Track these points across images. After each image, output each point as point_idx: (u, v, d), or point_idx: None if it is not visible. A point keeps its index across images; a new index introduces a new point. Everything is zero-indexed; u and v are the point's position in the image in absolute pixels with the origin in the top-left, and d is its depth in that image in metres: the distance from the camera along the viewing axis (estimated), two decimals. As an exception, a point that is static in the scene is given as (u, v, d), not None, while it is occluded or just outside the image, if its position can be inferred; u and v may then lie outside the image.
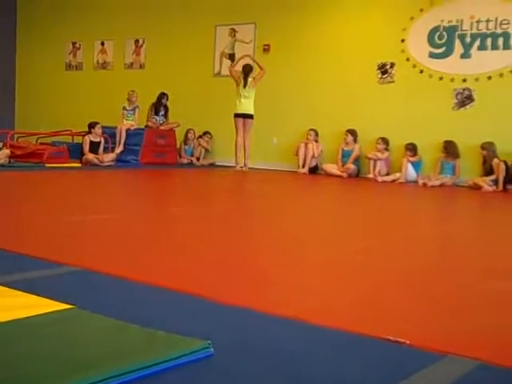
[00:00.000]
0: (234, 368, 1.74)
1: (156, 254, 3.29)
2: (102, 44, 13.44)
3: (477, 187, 8.58)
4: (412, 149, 9.41)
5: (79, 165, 9.67)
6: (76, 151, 10.20)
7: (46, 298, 2.21)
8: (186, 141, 11.49)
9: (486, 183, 8.53)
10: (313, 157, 10.29)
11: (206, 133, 11.61)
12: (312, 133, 10.32)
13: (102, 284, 2.58)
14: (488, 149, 8.76)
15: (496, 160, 8.60)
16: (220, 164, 11.39)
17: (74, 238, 3.63)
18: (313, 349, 1.93)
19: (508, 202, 7.67)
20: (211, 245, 3.63)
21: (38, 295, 2.24)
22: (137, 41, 12.90)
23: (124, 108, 11.02)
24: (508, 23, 8.96)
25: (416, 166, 9.44)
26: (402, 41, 9.83)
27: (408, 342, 1.99)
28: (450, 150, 9.08)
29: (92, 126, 10.04)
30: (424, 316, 2.36)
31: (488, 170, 8.74)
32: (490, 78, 9.10)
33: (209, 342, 1.83)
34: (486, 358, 1.87)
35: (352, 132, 10.01)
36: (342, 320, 2.22)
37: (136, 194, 6.63)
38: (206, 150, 11.60)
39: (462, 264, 3.49)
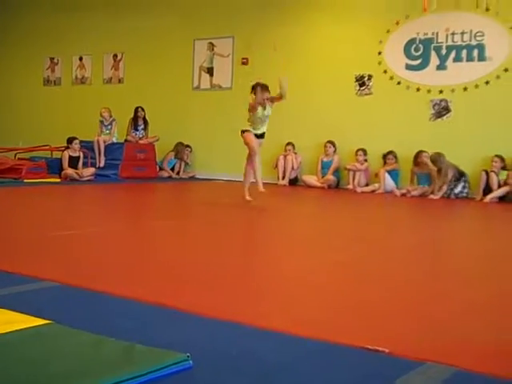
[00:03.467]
0: (213, 380, 1.74)
1: (134, 267, 3.27)
2: (81, 59, 13.41)
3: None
4: (391, 157, 9.48)
5: (58, 180, 9.60)
6: (55, 166, 10.14)
7: (24, 313, 2.20)
8: (181, 155, 11.41)
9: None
10: (292, 169, 10.33)
11: (185, 146, 11.60)
12: (290, 147, 10.38)
13: (80, 298, 2.56)
14: (435, 161, 8.89)
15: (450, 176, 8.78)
16: (200, 177, 11.38)
17: (52, 253, 3.60)
18: (293, 359, 1.94)
19: (479, 210, 7.74)
20: (190, 258, 3.62)
21: (15, 311, 2.22)
22: (115, 55, 12.89)
23: (101, 122, 11.00)
24: (482, 35, 9.09)
25: (394, 175, 9.50)
26: (379, 53, 9.93)
27: (387, 350, 2.00)
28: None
29: (70, 141, 9.99)
30: (403, 324, 2.37)
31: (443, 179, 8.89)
32: (465, 89, 9.21)
33: (188, 354, 1.83)
34: (464, 365, 1.88)
35: (332, 143, 10.06)
36: (322, 330, 2.23)
37: (115, 209, 6.60)
38: (186, 164, 11.59)
39: (439, 272, 3.51)
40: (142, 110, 11.20)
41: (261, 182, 6.99)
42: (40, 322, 2.10)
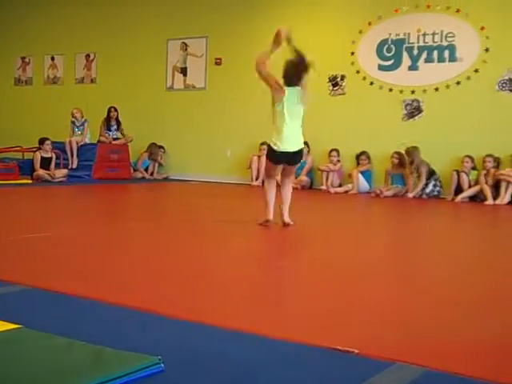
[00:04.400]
0: (185, 383, 1.74)
1: (103, 269, 3.25)
2: (52, 59, 13.28)
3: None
4: (364, 157, 9.56)
5: (30, 181, 9.50)
6: (27, 167, 10.04)
7: (-8, 318, 2.17)
8: (154, 155, 11.35)
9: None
10: (266, 169, 10.33)
11: (159, 147, 11.55)
12: (265, 147, 10.36)
13: (49, 302, 2.54)
14: (409, 154, 9.00)
15: (425, 171, 8.88)
16: (174, 178, 11.35)
17: (21, 255, 3.56)
18: (264, 361, 1.94)
19: (453, 209, 7.83)
20: (161, 259, 3.61)
21: (-17, 316, 2.20)
22: (88, 55, 12.79)
23: (73, 122, 10.91)
24: (453, 36, 9.19)
25: (367, 176, 9.57)
26: (352, 53, 9.99)
27: (357, 351, 2.01)
28: (400, 160, 9.24)
29: (41, 141, 9.89)
30: (373, 325, 2.39)
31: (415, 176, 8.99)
32: (437, 89, 9.31)
33: (159, 357, 1.82)
34: (434, 365, 1.90)
35: (306, 144, 10.09)
36: (293, 332, 2.24)
37: (87, 210, 6.55)
38: (160, 164, 11.54)
39: (409, 273, 3.55)
40: (115, 110, 11.13)
41: (286, 210, 5.10)
42: (9, 326, 2.08)
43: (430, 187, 8.96)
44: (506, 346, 2.18)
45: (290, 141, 4.94)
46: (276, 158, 4.97)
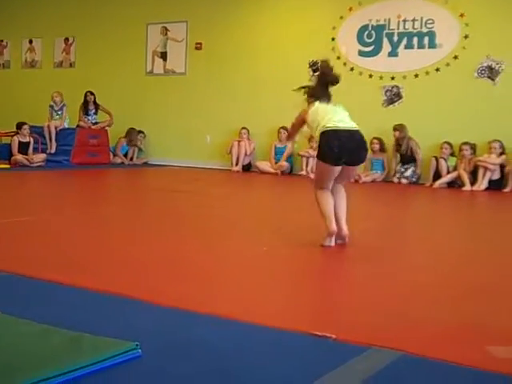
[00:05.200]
0: (162, 368, 1.74)
1: (82, 255, 3.24)
2: (31, 42, 13.10)
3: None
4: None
5: (8, 166, 9.41)
6: (4, 152, 9.92)
7: (-31, 304, 2.16)
8: (134, 140, 11.27)
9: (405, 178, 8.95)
10: (246, 155, 10.35)
11: (139, 132, 11.49)
12: (245, 131, 10.38)
13: (27, 288, 2.53)
14: (400, 130, 9.05)
15: (415, 148, 8.95)
16: (154, 163, 11.30)
17: (-1, 241, 3.54)
18: (242, 346, 1.96)
19: (432, 196, 7.90)
20: (138, 245, 3.60)
21: (-40, 302, 2.19)
22: (66, 39, 12.64)
23: (51, 107, 10.80)
24: (433, 23, 9.22)
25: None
26: (333, 39, 9.98)
27: (334, 336, 2.03)
28: (380, 146, 9.30)
29: (19, 126, 9.79)
30: (349, 310, 2.41)
31: (405, 156, 9.04)
32: (416, 75, 9.35)
33: (136, 343, 1.82)
34: (409, 349, 1.93)
35: (286, 129, 10.10)
36: (270, 317, 2.25)
37: (65, 195, 6.51)
38: (140, 149, 11.49)
39: (383, 256, 3.58)
40: (91, 93, 11.03)
41: (344, 221, 3.85)
42: (-15, 312, 2.07)
43: (410, 172, 9.04)
44: (480, 330, 2.21)
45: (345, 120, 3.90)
46: (334, 151, 3.67)
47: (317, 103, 4.01)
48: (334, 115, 3.87)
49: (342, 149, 3.68)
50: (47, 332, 1.91)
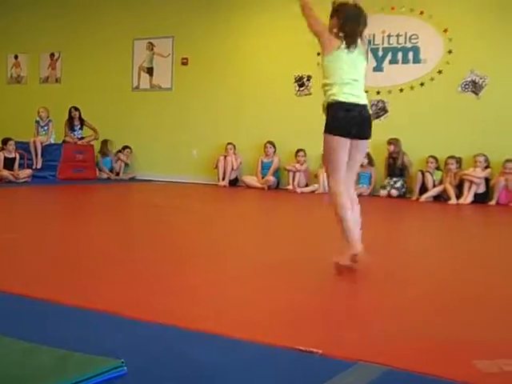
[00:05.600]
0: (147, 386, 1.74)
1: (66, 272, 3.22)
2: (16, 57, 13.08)
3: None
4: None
5: (-7, 182, 9.36)
6: (-11, 168, 9.87)
7: (-47, 322, 2.14)
8: (105, 152, 11.29)
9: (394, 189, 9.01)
10: (232, 169, 10.36)
11: (125, 147, 11.48)
12: (231, 146, 10.40)
13: (12, 305, 2.51)
14: (395, 144, 9.11)
15: (407, 160, 9.02)
16: (140, 178, 11.29)
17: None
18: (227, 362, 1.95)
19: (422, 210, 7.94)
20: (125, 261, 3.59)
21: None
22: (52, 54, 12.63)
23: (37, 122, 10.78)
24: (417, 38, 9.31)
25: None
26: (318, 54, 10.00)
27: (320, 351, 2.03)
28: (367, 160, 9.34)
29: (4, 142, 9.77)
30: (335, 326, 2.41)
31: (394, 170, 9.09)
32: (401, 90, 9.42)
33: (122, 360, 1.82)
34: (395, 364, 1.94)
35: (272, 144, 10.14)
36: (256, 332, 2.25)
37: (51, 211, 6.48)
38: (126, 165, 11.47)
39: (370, 271, 3.58)
40: (76, 109, 11.04)
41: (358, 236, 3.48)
42: (-30, 331, 2.05)
43: (399, 184, 9.09)
44: (466, 344, 2.22)
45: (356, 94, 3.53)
46: (343, 122, 3.45)
47: (342, 47, 3.53)
48: (350, 80, 3.49)
49: (351, 121, 3.45)
50: (32, 350, 1.90)
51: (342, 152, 3.44)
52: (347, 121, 3.43)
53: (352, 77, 3.49)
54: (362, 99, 3.52)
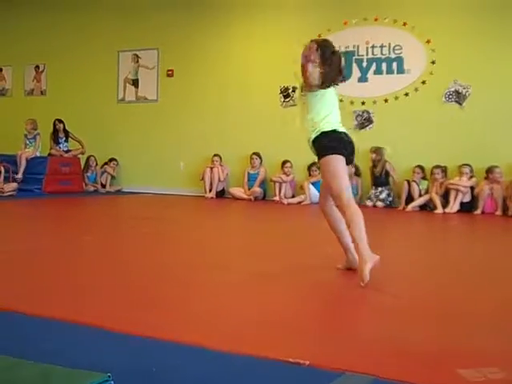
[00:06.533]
0: (134, 399, 1.73)
1: (52, 286, 3.20)
2: (0, 70, 13.04)
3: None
4: (315, 168, 9.66)
5: (-23, 196, 9.30)
6: (-26, 182, 9.82)
7: None
8: (86, 168, 11.28)
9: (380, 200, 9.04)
10: (219, 181, 10.36)
11: (111, 159, 11.46)
12: (217, 158, 10.41)
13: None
14: (377, 152, 9.17)
15: (390, 167, 9.06)
16: (127, 191, 11.26)
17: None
18: (215, 374, 1.95)
19: (404, 218, 7.97)
20: (111, 274, 3.57)
21: None
22: (37, 67, 12.61)
23: (25, 136, 10.77)
24: (400, 48, 9.40)
25: (319, 186, 9.63)
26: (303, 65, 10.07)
27: (308, 362, 2.03)
28: (353, 170, 9.39)
29: (-11, 155, 9.73)
30: (321, 336, 2.41)
31: (379, 179, 9.14)
32: (386, 100, 9.49)
33: (109, 374, 1.80)
34: (383, 374, 1.94)
35: (258, 155, 10.16)
36: (243, 344, 2.24)
37: (37, 225, 6.44)
38: (112, 177, 11.45)
39: (356, 280, 3.59)
40: (60, 121, 11.03)
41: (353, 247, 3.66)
42: (-46, 347, 2.03)
43: (384, 195, 9.14)
44: (451, 353, 2.23)
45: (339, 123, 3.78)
46: (343, 143, 3.70)
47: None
48: (334, 113, 3.72)
49: (343, 145, 3.68)
50: (16, 365, 1.87)
51: (345, 169, 3.68)
52: (343, 145, 3.68)
53: (335, 117, 3.75)
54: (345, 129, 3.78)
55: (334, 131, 3.67)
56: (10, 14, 12.64)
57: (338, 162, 3.62)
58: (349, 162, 3.72)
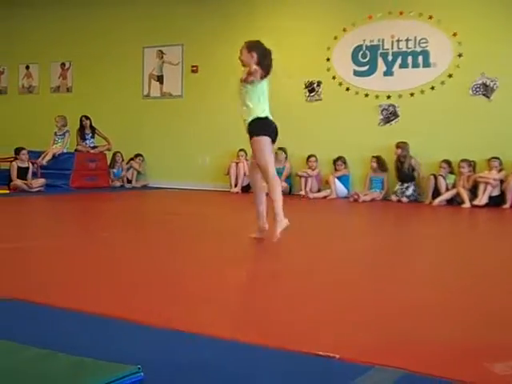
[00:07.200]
0: (164, 391, 1.74)
1: (83, 279, 3.23)
2: (27, 68, 13.19)
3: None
4: (340, 163, 9.63)
5: (7, 191, 9.42)
6: (3, 177, 9.95)
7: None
8: (113, 164, 11.36)
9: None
10: (244, 175, 10.36)
11: (137, 155, 11.54)
12: (242, 153, 10.41)
13: (27, 313, 2.52)
14: (403, 148, 9.09)
15: (415, 162, 8.98)
16: (153, 186, 11.33)
17: None
18: (245, 368, 1.95)
19: (434, 214, 7.90)
20: (141, 268, 3.60)
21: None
22: (63, 64, 12.72)
23: (55, 133, 10.90)
24: (426, 42, 9.30)
25: (344, 180, 9.64)
26: (328, 59, 10.06)
27: (338, 355, 2.03)
28: (379, 164, 9.35)
29: (17, 151, 9.84)
30: (352, 329, 2.40)
31: (405, 174, 9.06)
32: (412, 94, 9.41)
33: (139, 366, 1.81)
34: (412, 368, 1.93)
35: (284, 150, 10.14)
36: (274, 338, 2.24)
37: (65, 220, 6.51)
38: (138, 172, 11.52)
39: (387, 276, 3.58)
40: (87, 118, 11.12)
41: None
42: (-14, 338, 2.06)
43: (411, 190, 9.07)
44: (485, 347, 2.21)
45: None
46: (270, 128, 4.79)
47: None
48: (266, 102, 4.89)
49: (271, 130, 4.77)
50: (48, 357, 1.90)
51: (270, 148, 4.77)
52: (271, 130, 4.76)
53: (267, 106, 4.91)
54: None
55: (266, 118, 4.75)
56: (36, 13, 12.76)
57: (266, 142, 4.66)
58: (273, 142, 4.79)
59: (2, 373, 1.78)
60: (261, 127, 4.68)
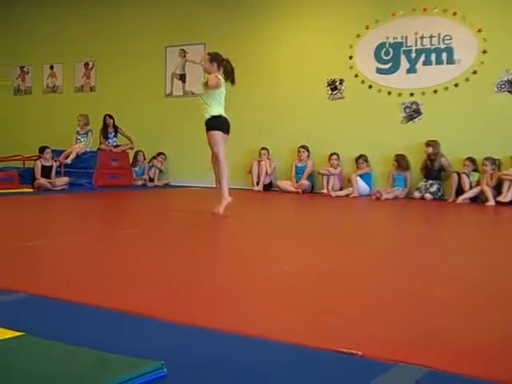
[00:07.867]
0: (188, 387, 1.74)
1: (106, 276, 3.25)
2: (52, 67, 13.31)
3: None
4: (362, 161, 9.58)
5: (31, 190, 9.52)
6: (28, 176, 10.05)
7: (-5, 326, 2.18)
8: (135, 163, 11.41)
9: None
10: (266, 174, 10.36)
11: (159, 154, 11.59)
12: (265, 152, 10.41)
13: (52, 309, 2.54)
14: (434, 146, 9.01)
15: (446, 162, 8.89)
16: (175, 184, 11.37)
17: (23, 263, 3.57)
18: (267, 365, 1.94)
19: (457, 212, 7.84)
20: (163, 265, 3.61)
21: (-13, 324, 2.20)
22: (86, 64, 12.82)
23: (77, 132, 10.98)
24: (450, 39, 9.22)
25: (367, 178, 9.59)
26: (350, 57, 10.01)
27: (360, 353, 2.01)
28: (401, 162, 9.29)
29: (41, 150, 9.93)
30: (375, 326, 2.39)
31: (432, 172, 8.99)
32: (435, 91, 9.33)
33: (162, 362, 1.82)
34: (436, 365, 1.91)
35: (306, 148, 10.12)
36: (295, 335, 2.24)
37: (88, 218, 6.56)
38: (160, 171, 11.57)
39: (408, 273, 3.55)
40: (110, 117, 11.19)
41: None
42: (12, 334, 2.08)
43: (435, 188, 9.01)
44: (507, 343, 2.18)
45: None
46: (222, 124, 6.28)
47: (222, 81, 6.38)
48: (221, 103, 6.41)
49: (224, 126, 6.31)
50: (73, 352, 1.92)
51: (223, 141, 6.34)
52: (225, 125, 6.31)
53: (222, 107, 6.41)
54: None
55: (220, 116, 6.29)
56: (60, 13, 12.88)
57: (218, 135, 6.24)
58: (227, 133, 6.34)
59: (27, 367, 1.80)
60: (215, 124, 6.22)
